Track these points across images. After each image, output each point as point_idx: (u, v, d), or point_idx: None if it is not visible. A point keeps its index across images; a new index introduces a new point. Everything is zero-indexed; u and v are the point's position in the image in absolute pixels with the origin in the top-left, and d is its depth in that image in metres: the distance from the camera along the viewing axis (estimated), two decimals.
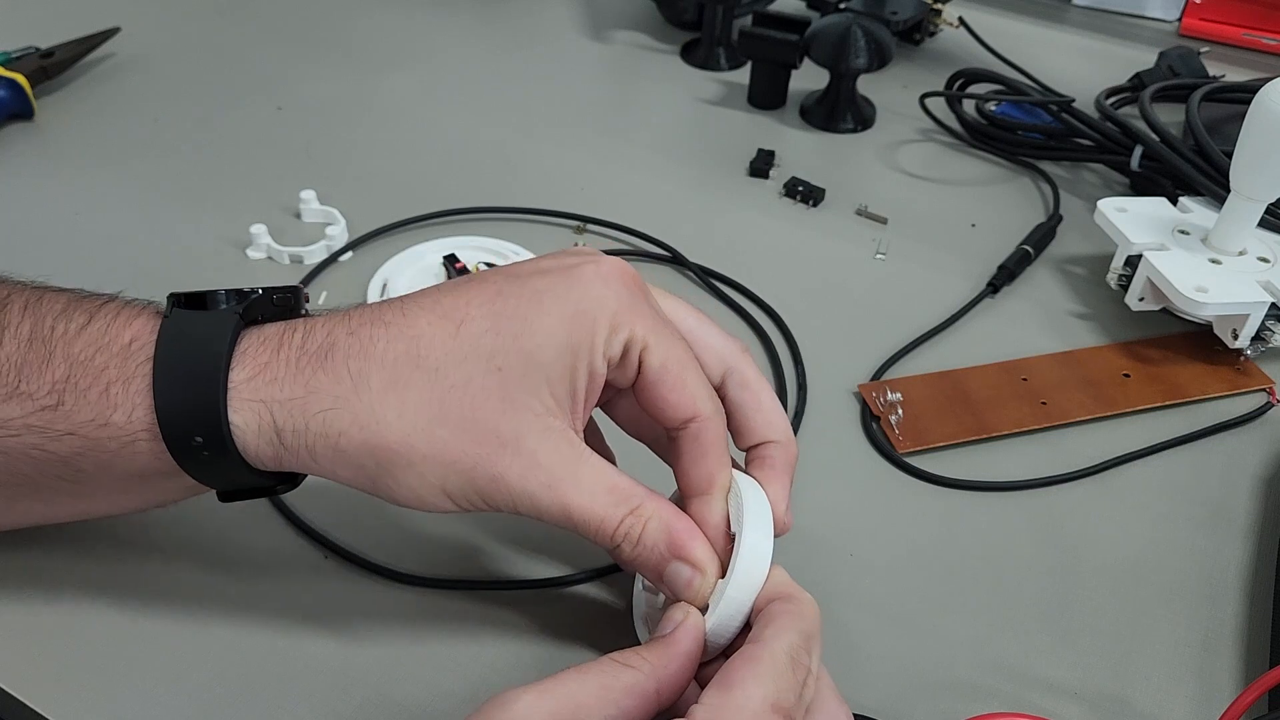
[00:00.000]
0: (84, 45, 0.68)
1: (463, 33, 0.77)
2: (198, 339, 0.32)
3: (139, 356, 0.32)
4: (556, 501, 0.32)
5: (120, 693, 0.36)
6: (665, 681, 0.30)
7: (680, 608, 0.32)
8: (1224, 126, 0.61)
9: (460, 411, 0.31)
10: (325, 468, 0.32)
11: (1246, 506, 0.45)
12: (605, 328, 0.32)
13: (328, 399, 0.31)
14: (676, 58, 0.76)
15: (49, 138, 0.63)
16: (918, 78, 0.74)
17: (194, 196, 0.59)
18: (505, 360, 0.31)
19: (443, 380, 0.31)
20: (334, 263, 0.55)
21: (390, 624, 0.38)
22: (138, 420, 0.32)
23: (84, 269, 0.53)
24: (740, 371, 0.36)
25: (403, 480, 0.31)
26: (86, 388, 0.32)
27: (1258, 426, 0.49)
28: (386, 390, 0.31)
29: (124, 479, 0.33)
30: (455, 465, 0.31)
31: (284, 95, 0.68)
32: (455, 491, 0.32)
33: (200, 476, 0.33)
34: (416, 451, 0.31)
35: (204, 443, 0.31)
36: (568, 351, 0.31)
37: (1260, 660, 0.39)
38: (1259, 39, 0.81)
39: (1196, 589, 0.41)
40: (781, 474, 0.35)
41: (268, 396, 0.31)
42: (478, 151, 0.64)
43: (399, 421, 0.31)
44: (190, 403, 0.31)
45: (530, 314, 0.32)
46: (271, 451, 0.32)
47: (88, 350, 0.32)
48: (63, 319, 0.33)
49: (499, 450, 0.31)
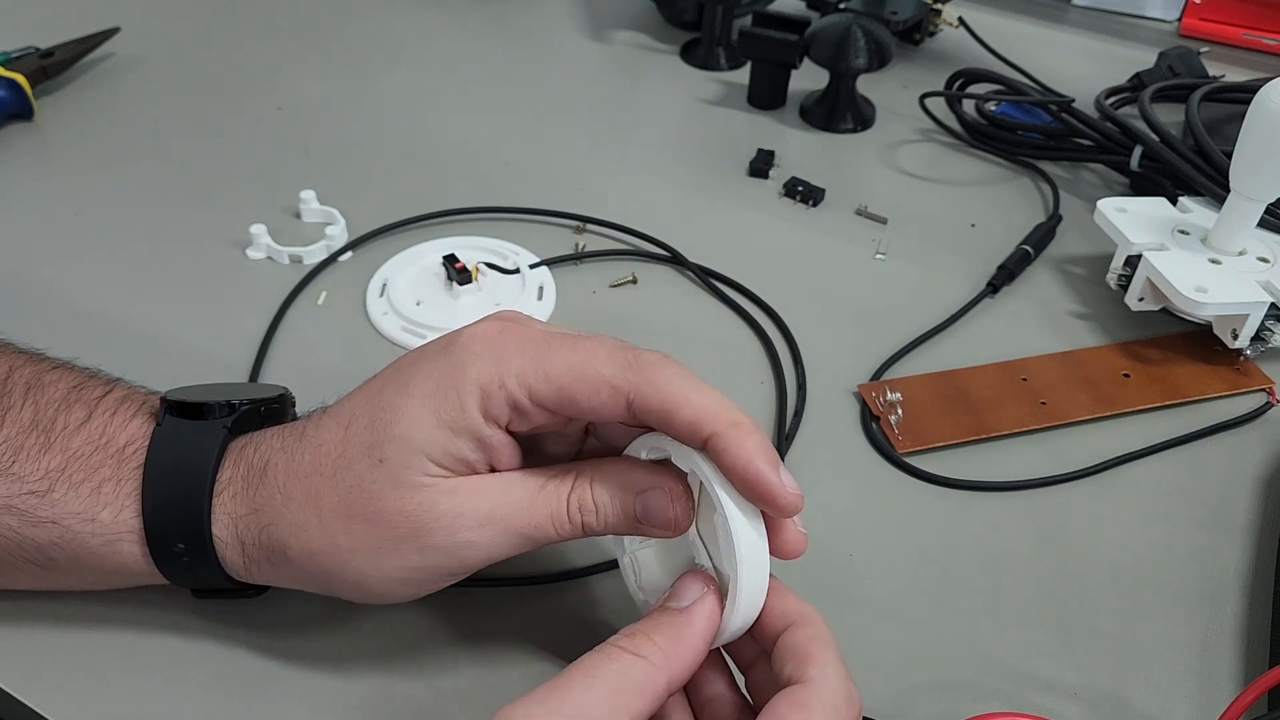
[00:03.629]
0: (84, 45, 0.68)
1: (463, 32, 0.77)
2: (187, 450, 0.34)
3: (132, 461, 0.34)
4: (501, 533, 0.32)
5: (120, 693, 0.36)
6: (677, 674, 0.30)
7: (695, 581, 0.32)
8: (1224, 126, 0.61)
9: (364, 507, 0.32)
10: (285, 575, 0.34)
11: (1246, 506, 0.45)
12: (473, 394, 0.32)
13: (268, 515, 0.33)
14: (676, 58, 0.76)
15: (48, 138, 0.63)
16: (917, 78, 0.74)
17: (194, 196, 0.59)
18: (384, 451, 0.32)
19: (341, 483, 0.32)
20: (334, 263, 0.55)
21: (390, 622, 0.38)
22: (123, 522, 0.34)
23: (83, 269, 0.53)
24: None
25: (347, 578, 0.33)
26: (80, 481, 0.34)
27: (1257, 426, 0.49)
28: (305, 502, 0.33)
29: (93, 572, 0.35)
30: (382, 551, 0.32)
31: (284, 95, 0.68)
32: (400, 576, 0.33)
33: (177, 580, 0.35)
34: (343, 549, 0.32)
35: (185, 549, 0.34)
36: (438, 428, 0.32)
37: (1260, 660, 0.39)
38: (1259, 39, 0.81)
39: (1196, 589, 0.41)
40: (747, 449, 0.30)
41: (232, 511, 0.34)
42: (477, 151, 0.64)
43: (320, 527, 0.32)
44: (177, 511, 0.33)
45: (398, 402, 0.32)
46: (242, 562, 0.34)
47: (86, 447, 0.34)
48: (63, 411, 0.35)
49: (416, 527, 0.32)
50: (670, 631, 0.30)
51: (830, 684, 0.29)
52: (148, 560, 0.34)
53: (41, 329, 0.40)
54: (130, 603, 0.38)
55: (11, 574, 0.35)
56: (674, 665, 0.30)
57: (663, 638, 0.30)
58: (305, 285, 0.53)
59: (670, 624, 0.31)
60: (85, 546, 0.34)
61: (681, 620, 0.31)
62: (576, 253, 0.56)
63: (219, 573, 0.34)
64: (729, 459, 0.30)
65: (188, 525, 0.33)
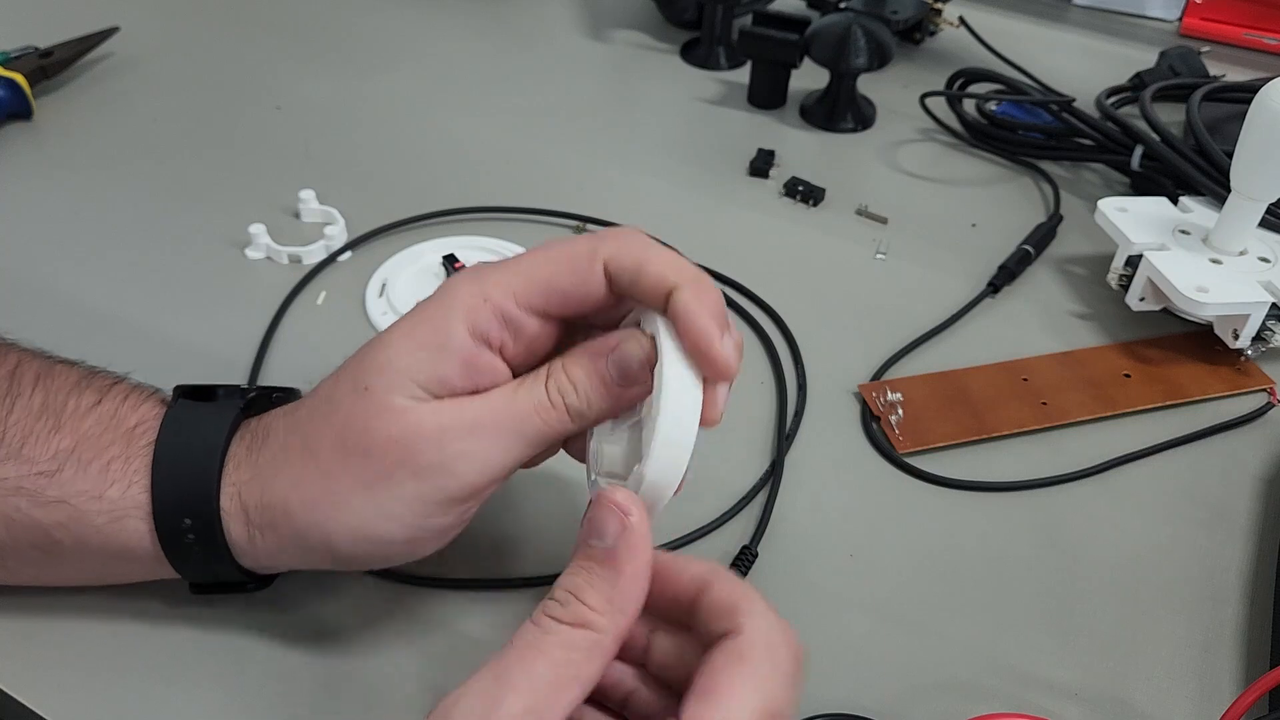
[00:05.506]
0: (83, 45, 0.68)
1: (463, 32, 0.77)
2: (199, 428, 0.34)
3: (142, 439, 0.34)
4: (492, 436, 0.32)
5: (120, 693, 0.35)
6: (621, 628, 0.28)
7: (612, 505, 0.29)
8: (1225, 126, 0.60)
9: (356, 441, 0.32)
10: (287, 540, 0.33)
11: (1247, 507, 0.45)
12: (458, 314, 0.32)
13: (268, 473, 0.33)
14: (676, 57, 0.76)
15: (48, 137, 0.63)
16: (918, 77, 0.74)
17: (193, 196, 0.59)
18: (368, 380, 0.32)
19: (333, 423, 0.32)
20: (333, 263, 0.55)
21: (391, 624, 0.38)
22: (131, 497, 0.33)
23: (82, 269, 0.53)
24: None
25: (348, 524, 0.32)
26: (89, 460, 0.33)
27: (1258, 427, 0.49)
28: (303, 451, 0.33)
29: (96, 557, 0.34)
30: (377, 485, 0.32)
31: (283, 95, 0.68)
32: (399, 511, 0.32)
33: (180, 563, 0.34)
34: (340, 492, 0.32)
35: (192, 525, 0.33)
36: (421, 350, 0.32)
37: (1260, 661, 0.39)
38: (1260, 39, 0.80)
39: (1197, 589, 0.41)
40: (698, 309, 0.31)
41: (237, 480, 0.33)
42: (477, 151, 0.64)
43: (318, 472, 0.32)
44: (186, 485, 0.33)
45: (383, 338, 0.33)
46: (246, 534, 0.33)
47: (95, 428, 0.34)
48: (74, 395, 0.35)
49: (407, 450, 0.31)
50: (603, 587, 0.28)
51: (763, 629, 0.28)
52: (153, 539, 0.33)
53: (40, 329, 0.40)
54: (130, 603, 0.38)
55: (14, 562, 0.35)
56: (621, 624, 0.28)
57: (597, 596, 0.28)
58: (305, 285, 0.53)
59: (602, 578, 0.28)
60: (91, 526, 0.33)
61: (612, 571, 0.28)
62: None
63: (224, 552, 0.34)
64: (680, 311, 0.31)
65: (196, 499, 0.33)
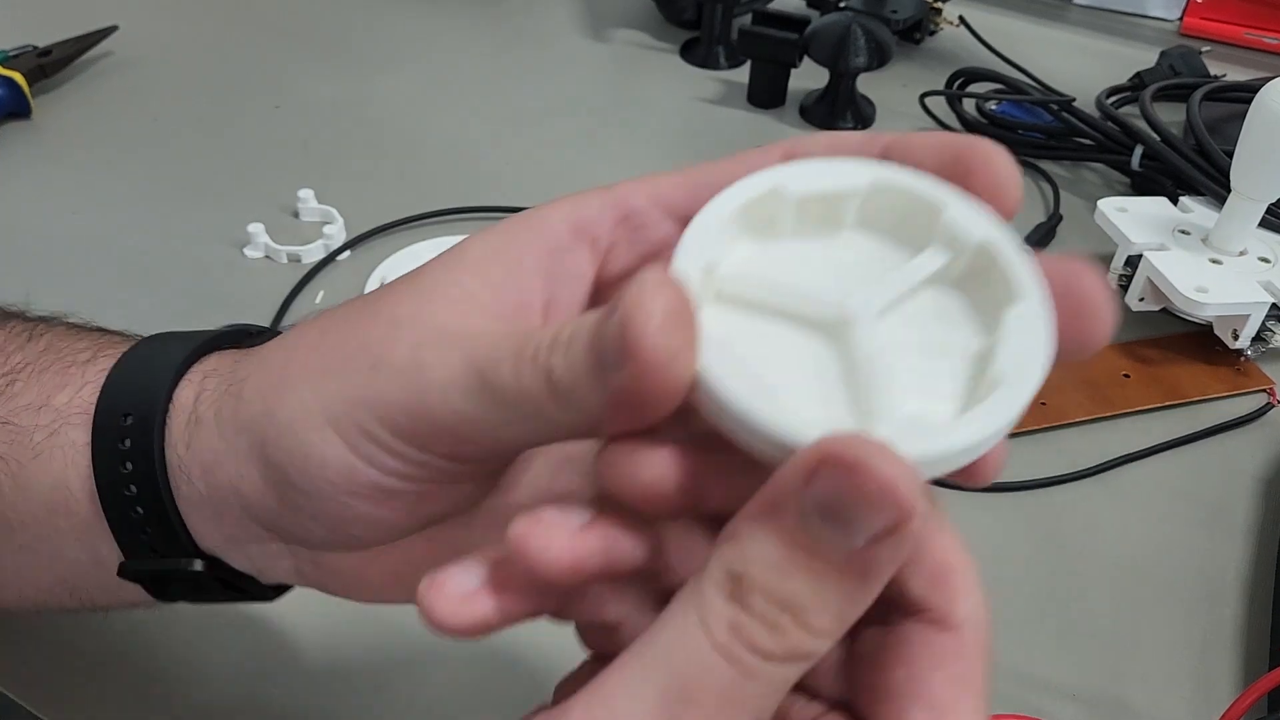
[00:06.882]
0: (81, 43, 0.68)
1: (462, 31, 0.77)
2: (174, 340, 0.28)
3: (116, 348, 0.28)
4: (457, 358, 0.21)
5: (120, 693, 0.35)
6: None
7: (887, 481, 0.16)
8: (1225, 126, 0.60)
9: (336, 326, 0.24)
10: (228, 430, 0.24)
11: (1246, 507, 0.45)
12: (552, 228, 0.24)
13: (243, 371, 0.25)
14: (676, 56, 0.76)
15: (46, 136, 0.63)
16: (918, 77, 0.74)
17: (191, 195, 0.59)
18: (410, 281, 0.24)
19: (326, 322, 0.25)
20: (332, 262, 0.55)
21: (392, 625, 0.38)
22: (78, 401, 0.26)
23: (81, 268, 0.53)
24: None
25: (289, 416, 0.23)
26: (47, 366, 0.27)
27: (1258, 427, 0.49)
28: (280, 348, 0.25)
29: (31, 513, 0.27)
30: (329, 371, 0.23)
31: (282, 94, 0.68)
32: (342, 412, 0.22)
33: (106, 484, 0.26)
34: (293, 374, 0.24)
35: (131, 424, 0.25)
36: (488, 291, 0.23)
37: (1259, 662, 0.39)
38: (1260, 38, 0.80)
39: (1196, 590, 0.41)
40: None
41: (203, 369, 0.26)
42: (476, 150, 0.64)
43: (285, 355, 0.24)
44: (140, 379, 0.26)
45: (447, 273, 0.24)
46: (182, 435, 0.25)
47: (69, 340, 0.28)
48: (70, 335, 0.29)
49: (374, 335, 0.23)
50: (842, 606, 0.18)
51: (983, 620, 0.20)
52: (87, 453, 0.26)
53: None
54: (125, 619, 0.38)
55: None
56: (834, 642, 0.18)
57: (830, 617, 0.17)
58: (304, 285, 0.53)
59: (842, 591, 0.17)
60: (29, 450, 0.26)
61: (861, 586, 0.17)
62: None
63: (158, 457, 0.25)
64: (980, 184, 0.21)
65: (145, 389, 0.26)
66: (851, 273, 0.21)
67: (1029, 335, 0.19)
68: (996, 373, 0.19)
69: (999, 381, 0.19)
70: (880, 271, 0.21)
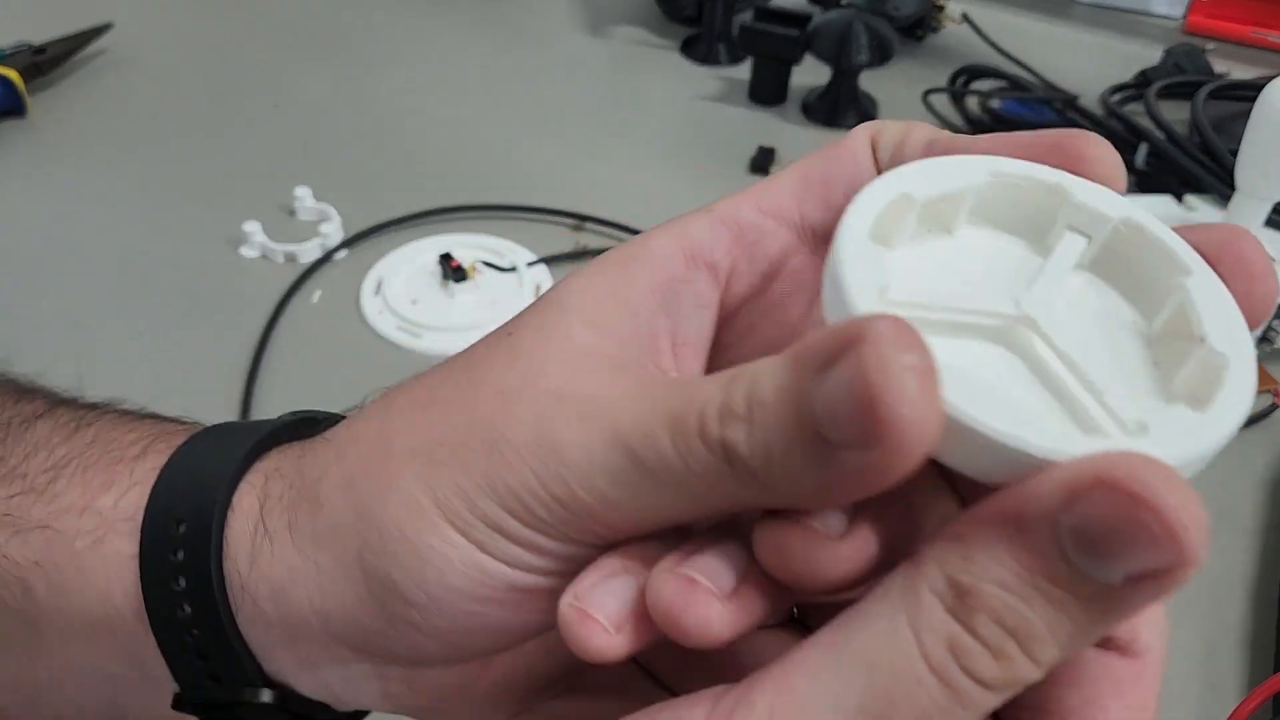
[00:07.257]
0: (76, 41, 0.68)
1: (460, 29, 0.76)
2: (236, 431, 0.24)
3: (168, 445, 0.24)
4: (601, 433, 0.18)
5: None
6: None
7: (1161, 506, 0.14)
8: (1230, 124, 0.60)
9: (444, 393, 0.21)
10: (304, 534, 0.22)
11: (1251, 509, 0.44)
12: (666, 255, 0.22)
13: (310, 463, 0.23)
14: (677, 53, 0.75)
15: (42, 135, 0.63)
16: (921, 74, 0.73)
17: (188, 193, 0.59)
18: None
19: (421, 384, 0.22)
20: (328, 261, 0.54)
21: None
22: (124, 506, 0.23)
23: (77, 266, 0.53)
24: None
25: (382, 504, 0.20)
26: (92, 463, 0.24)
27: (1262, 429, 0.48)
28: (361, 423, 0.22)
29: (71, 627, 0.24)
30: (443, 449, 0.20)
31: (279, 92, 0.68)
32: (459, 508, 0.20)
33: (155, 604, 0.22)
34: (395, 453, 0.21)
35: (183, 533, 0.22)
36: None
37: (1265, 665, 0.38)
38: (1265, 36, 0.80)
39: (1200, 593, 0.41)
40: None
41: (264, 469, 0.24)
42: (474, 148, 0.64)
43: (375, 430, 0.21)
44: (193, 483, 0.23)
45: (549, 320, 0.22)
46: (247, 544, 0.22)
47: (117, 430, 0.25)
48: (119, 425, 0.26)
49: (497, 407, 0.20)
50: (1074, 636, 0.15)
51: (1162, 647, 0.18)
52: (133, 567, 0.23)
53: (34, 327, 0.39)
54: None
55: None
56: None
57: (1056, 647, 0.15)
58: (300, 283, 0.53)
59: (1082, 619, 0.15)
60: (70, 554, 0.23)
61: (1102, 618, 0.15)
62: (574, 250, 0.56)
63: (215, 574, 0.22)
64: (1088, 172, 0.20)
65: (198, 493, 0.23)
66: (997, 273, 0.19)
67: (1219, 307, 0.18)
68: (1208, 353, 0.17)
69: (1217, 362, 0.17)
70: (1018, 266, 0.19)
